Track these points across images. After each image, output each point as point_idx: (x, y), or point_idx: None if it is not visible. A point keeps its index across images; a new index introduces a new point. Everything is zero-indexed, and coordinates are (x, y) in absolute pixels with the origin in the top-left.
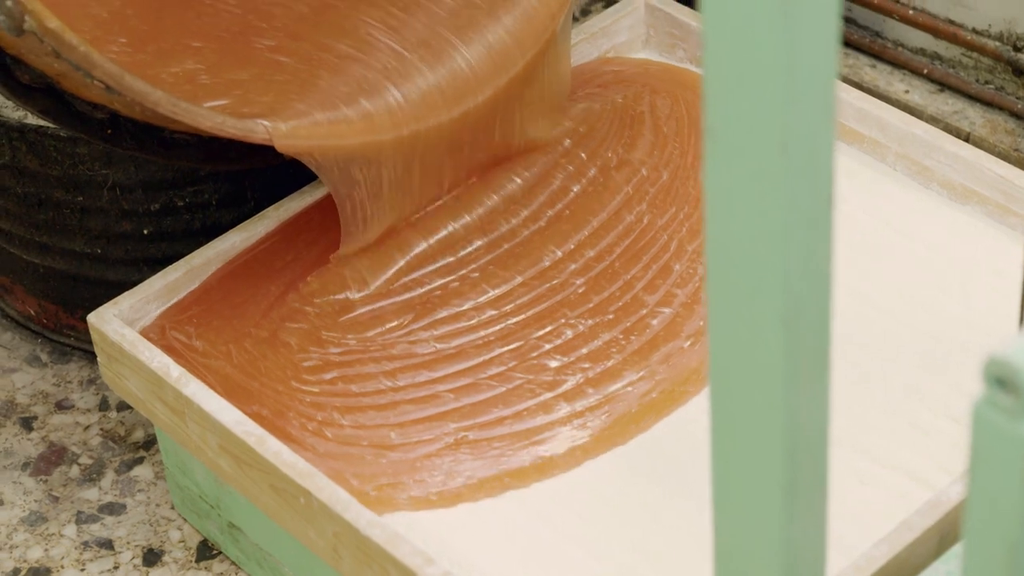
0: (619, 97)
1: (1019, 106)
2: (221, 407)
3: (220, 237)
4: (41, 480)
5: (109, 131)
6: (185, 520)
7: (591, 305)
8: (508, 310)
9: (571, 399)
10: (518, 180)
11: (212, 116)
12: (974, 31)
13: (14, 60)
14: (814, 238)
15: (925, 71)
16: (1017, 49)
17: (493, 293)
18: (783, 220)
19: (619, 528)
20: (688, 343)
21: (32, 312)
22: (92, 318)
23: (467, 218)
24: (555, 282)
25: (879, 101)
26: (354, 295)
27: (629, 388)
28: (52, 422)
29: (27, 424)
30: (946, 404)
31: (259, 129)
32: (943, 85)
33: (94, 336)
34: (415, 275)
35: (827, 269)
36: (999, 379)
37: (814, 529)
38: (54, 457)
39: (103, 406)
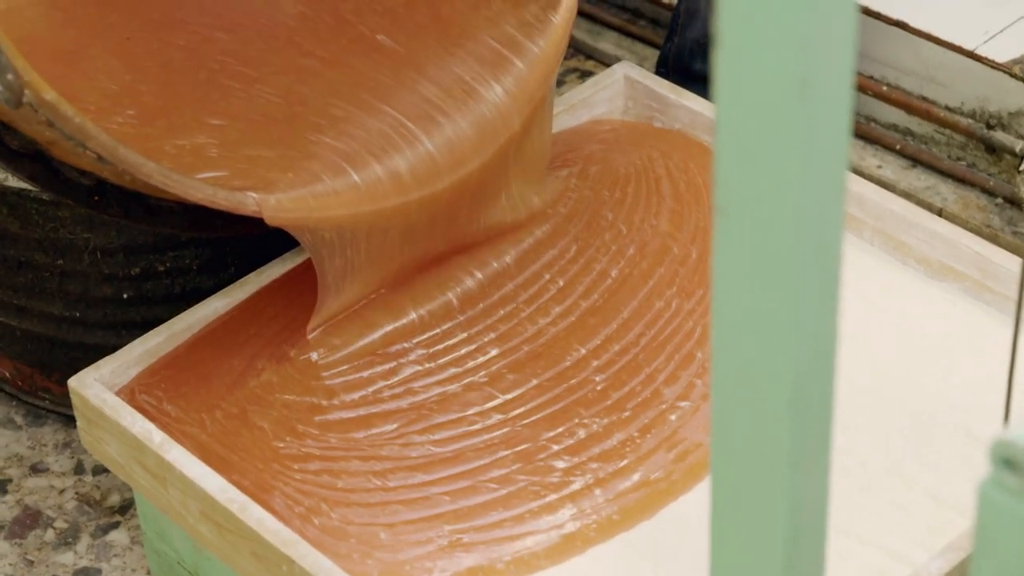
0: (636, 159)
1: (991, 183)
2: (204, 473)
3: (202, 302)
4: (16, 543)
5: (96, 198)
6: None
7: (608, 403)
8: (517, 414)
9: (577, 499)
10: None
11: (203, 188)
12: (947, 108)
13: (4, 127)
14: (821, 322)
15: (898, 147)
16: (989, 127)
17: (502, 398)
18: (792, 303)
19: None
20: (707, 440)
21: (7, 374)
22: (73, 382)
23: (482, 327)
24: (573, 381)
25: (857, 176)
26: (322, 402)
27: (641, 489)
28: (27, 485)
29: (2, 487)
30: (926, 482)
31: (248, 202)
32: (916, 161)
33: (74, 400)
34: (406, 384)
35: (833, 350)
36: (1006, 460)
37: None
38: (29, 520)
39: (79, 470)
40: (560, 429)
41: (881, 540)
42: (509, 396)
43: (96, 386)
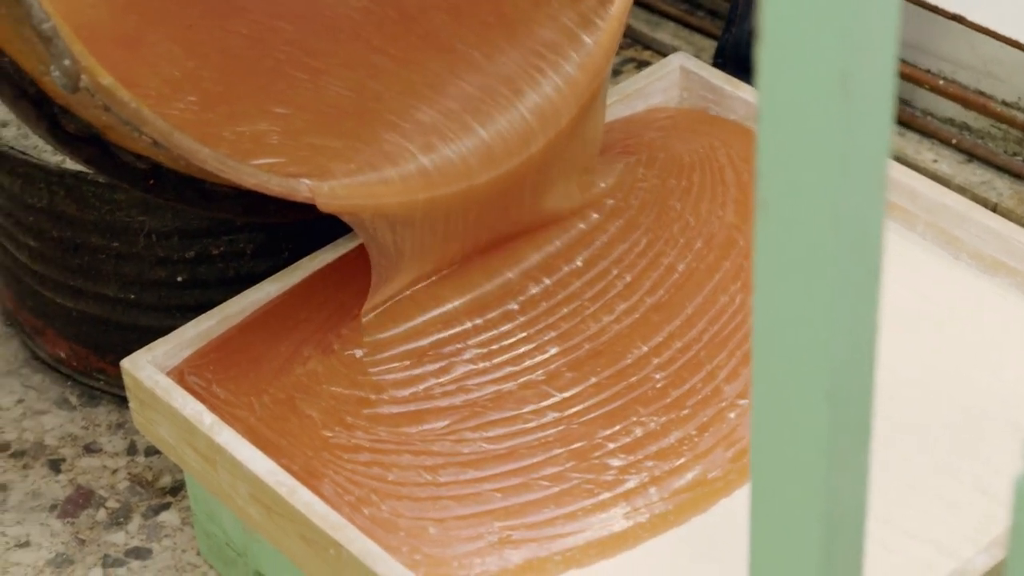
0: (698, 147)
1: None
2: (253, 456)
3: (255, 287)
4: (68, 522)
5: (151, 181)
6: (211, 566)
7: (668, 400)
8: (574, 412)
9: (631, 497)
10: (579, 259)
11: (257, 174)
12: (1004, 103)
13: (62, 110)
14: (861, 313)
15: (954, 141)
16: None
17: (558, 396)
18: (831, 294)
19: None
20: None
21: (63, 355)
22: (126, 363)
23: (543, 325)
24: (633, 379)
25: (910, 170)
26: (370, 396)
27: (696, 488)
28: (80, 465)
29: (55, 466)
30: (976, 477)
31: (302, 188)
32: (971, 155)
33: (127, 381)
34: (459, 383)
35: (872, 344)
36: None
37: None
38: (81, 500)
39: (131, 450)
40: (617, 427)
41: (928, 534)
42: (566, 394)
43: (148, 368)
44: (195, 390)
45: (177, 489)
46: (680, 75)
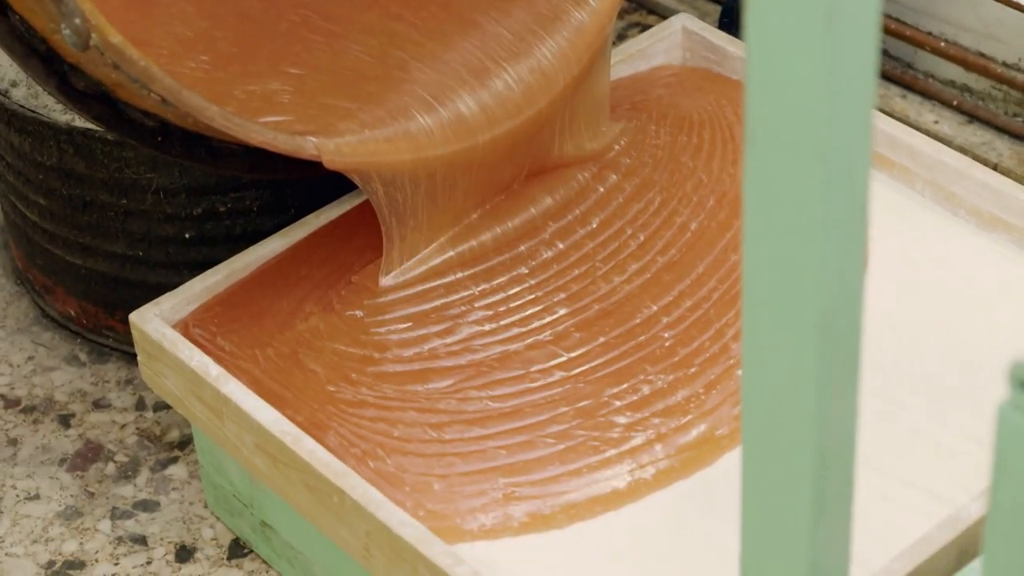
0: (705, 104)
1: None
2: (258, 406)
3: (261, 242)
4: (78, 476)
5: (159, 139)
6: (218, 518)
7: (676, 359)
8: (581, 371)
9: (636, 454)
10: (594, 221)
11: (264, 131)
12: (1004, 64)
13: (71, 68)
14: (848, 245)
15: (955, 103)
16: None
17: (566, 356)
18: (820, 225)
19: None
20: None
21: (72, 312)
22: (134, 317)
23: (553, 287)
24: (641, 338)
25: (909, 128)
26: (373, 354)
27: (703, 445)
28: (89, 420)
29: (65, 421)
30: (970, 427)
31: (308, 146)
32: (972, 117)
33: (135, 334)
34: (464, 343)
35: (860, 275)
36: None
37: (840, 538)
38: (91, 454)
39: (140, 406)
40: (624, 385)
41: (924, 482)
42: (573, 354)
43: (156, 321)
44: (200, 343)
45: (184, 443)
46: (683, 36)
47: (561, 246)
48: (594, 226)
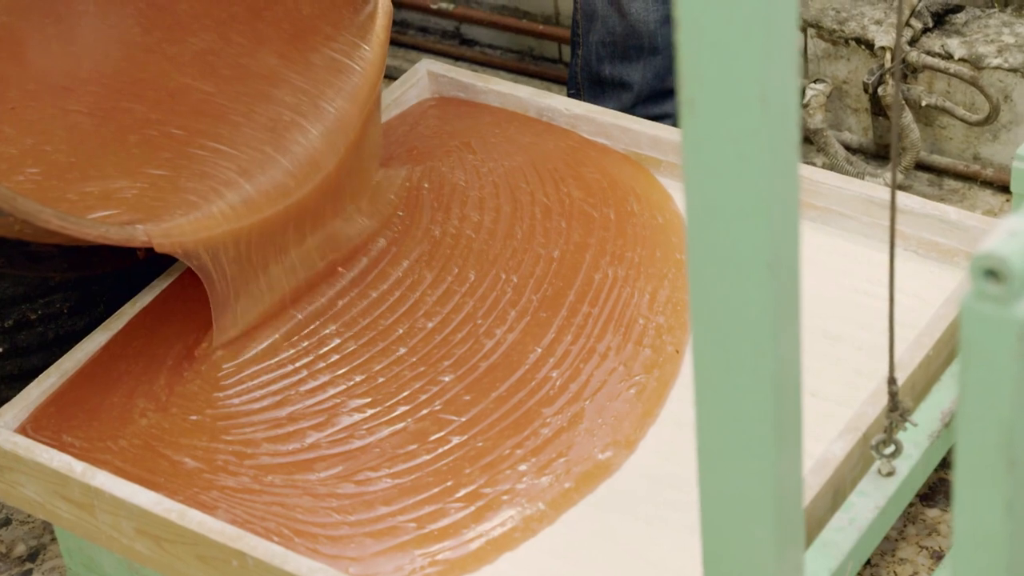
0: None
1: None
2: (134, 491)
3: (87, 337)
4: None
5: None
6: None
7: (569, 395)
8: (479, 430)
9: (545, 492)
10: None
11: (97, 226)
12: None
13: None
14: (789, 183)
15: None
16: None
17: (459, 420)
18: (766, 166)
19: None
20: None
21: None
22: None
23: (443, 364)
24: (532, 384)
25: None
26: (246, 450)
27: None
28: None
29: None
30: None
31: (138, 233)
32: None
33: None
34: (346, 432)
35: (796, 212)
36: (988, 271)
37: (793, 456)
38: None
39: None
40: (524, 433)
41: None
42: (465, 417)
43: (3, 431)
44: (48, 444)
45: (35, 555)
46: (429, 79)
47: (430, 325)
48: (472, 279)
